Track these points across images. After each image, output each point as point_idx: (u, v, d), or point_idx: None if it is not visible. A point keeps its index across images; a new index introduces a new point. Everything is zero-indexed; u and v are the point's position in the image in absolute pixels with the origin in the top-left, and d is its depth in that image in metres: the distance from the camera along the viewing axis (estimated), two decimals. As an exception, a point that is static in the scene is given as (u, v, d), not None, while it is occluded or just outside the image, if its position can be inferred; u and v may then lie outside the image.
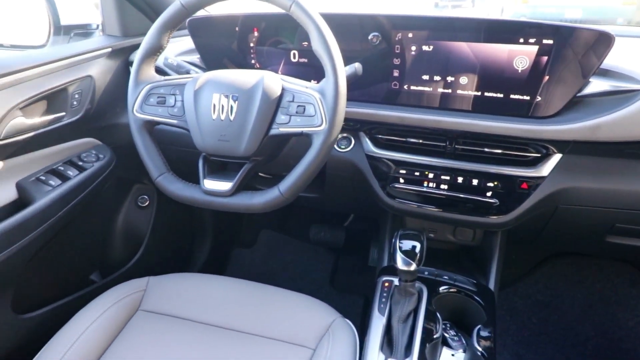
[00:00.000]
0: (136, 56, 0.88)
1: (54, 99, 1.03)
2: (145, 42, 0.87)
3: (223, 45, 1.12)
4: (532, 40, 0.87)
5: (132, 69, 0.88)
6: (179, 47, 1.21)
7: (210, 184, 0.85)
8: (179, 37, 1.23)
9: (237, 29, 1.09)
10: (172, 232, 1.61)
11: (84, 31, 1.26)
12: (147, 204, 1.45)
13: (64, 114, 1.06)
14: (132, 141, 0.91)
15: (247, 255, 1.92)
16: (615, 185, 0.95)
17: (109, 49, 1.15)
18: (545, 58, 0.88)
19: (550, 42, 0.86)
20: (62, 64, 1.03)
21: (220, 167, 0.91)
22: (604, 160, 0.95)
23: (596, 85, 0.89)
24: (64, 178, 1.04)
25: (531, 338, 1.55)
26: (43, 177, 1.01)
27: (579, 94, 0.90)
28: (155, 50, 0.88)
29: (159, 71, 1.02)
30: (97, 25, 1.27)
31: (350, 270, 1.87)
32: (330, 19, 0.81)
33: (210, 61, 1.16)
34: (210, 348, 0.89)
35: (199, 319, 0.95)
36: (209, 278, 1.06)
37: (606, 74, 0.91)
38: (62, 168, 1.05)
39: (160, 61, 1.10)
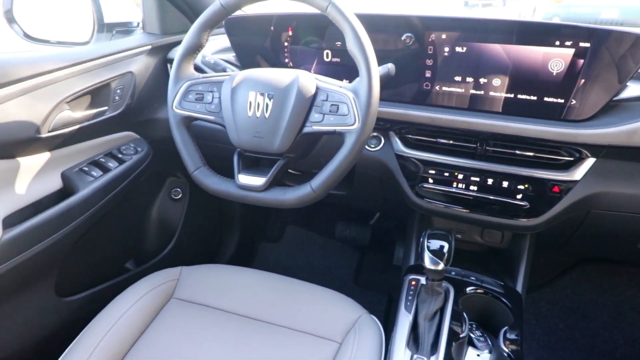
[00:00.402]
0: (177, 54, 0.92)
1: (97, 94, 1.08)
2: (186, 40, 0.90)
3: (258, 44, 1.15)
4: (568, 43, 0.87)
5: (173, 67, 0.92)
6: (215, 46, 1.25)
7: (244, 178, 0.88)
8: (215, 35, 1.27)
9: (272, 28, 1.11)
10: (203, 224, 1.65)
11: (125, 29, 1.31)
12: (179, 196, 1.50)
13: (106, 108, 1.10)
14: (168, 136, 0.94)
15: (273, 249, 1.96)
16: None
17: (149, 47, 1.19)
18: (581, 61, 0.87)
19: (587, 45, 0.86)
20: (106, 61, 1.08)
21: (253, 162, 0.94)
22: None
23: (633, 89, 0.88)
24: (105, 169, 1.09)
25: (557, 344, 1.54)
26: (86, 168, 1.06)
27: (615, 98, 0.88)
28: (195, 48, 0.91)
29: (197, 69, 1.06)
30: (138, 23, 1.32)
31: (375, 269, 1.89)
32: (364, 19, 0.82)
33: (245, 59, 1.19)
34: (240, 337, 0.92)
35: (230, 309, 0.98)
36: (239, 270, 1.09)
37: None
38: (103, 160, 1.10)
39: (198, 59, 1.14)
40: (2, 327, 0.95)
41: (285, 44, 1.12)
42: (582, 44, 0.86)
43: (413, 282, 1.01)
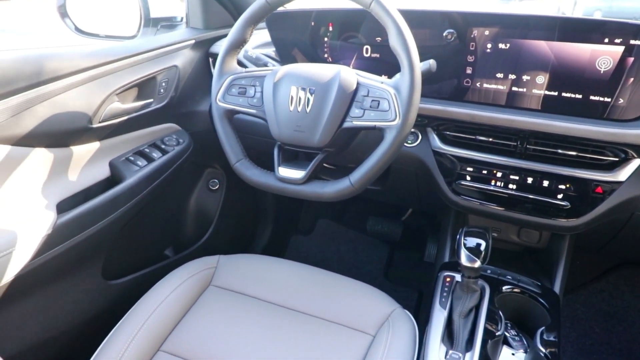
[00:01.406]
0: (221, 49, 0.94)
1: (144, 87, 1.12)
2: (231, 35, 0.92)
3: (297, 39, 1.16)
4: (617, 41, 0.84)
5: (218, 61, 0.94)
6: (256, 40, 1.27)
7: (284, 171, 0.90)
8: (255, 30, 1.29)
9: (312, 23, 1.13)
10: (238, 215, 1.69)
11: (169, 23, 1.35)
12: (217, 187, 1.54)
13: (152, 100, 1.15)
14: (207, 128, 0.97)
15: (305, 242, 1.98)
16: None
17: (193, 41, 1.22)
18: (631, 59, 0.85)
19: (638, 42, 0.83)
20: (153, 54, 1.12)
21: (292, 156, 0.95)
22: None
23: None
24: (149, 159, 1.13)
25: (593, 347, 1.50)
26: (132, 158, 1.11)
27: None
28: (239, 43, 0.93)
29: (239, 63, 1.08)
30: (182, 18, 1.36)
31: (405, 264, 1.89)
32: (406, 15, 0.82)
33: (285, 54, 1.20)
34: (275, 326, 0.95)
35: (265, 297, 1.01)
36: (274, 260, 1.11)
37: None
38: (147, 150, 1.15)
39: (240, 54, 1.16)
40: (54, 306, 1.01)
41: (325, 39, 1.13)
42: (632, 42, 0.83)
43: (448, 279, 1.01)
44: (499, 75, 0.97)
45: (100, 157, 1.06)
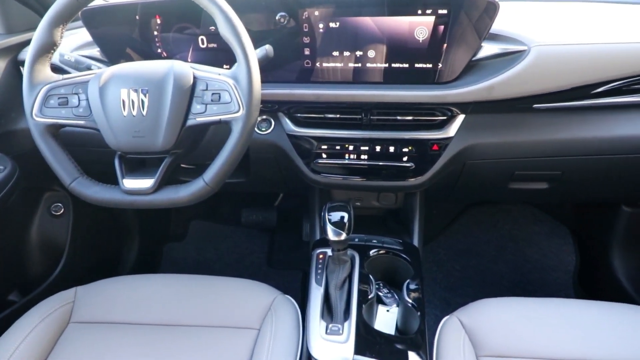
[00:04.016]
0: (27, 56, 0.82)
1: None
2: (36, 39, 0.81)
3: (124, 36, 1.06)
4: (428, 11, 0.93)
5: (25, 70, 0.82)
6: (75, 41, 1.12)
7: (130, 183, 0.82)
8: (74, 29, 1.14)
9: (137, 17, 1.03)
10: (95, 237, 1.53)
11: (-43, 30, 1.12)
12: (61, 211, 1.36)
13: (-52, 126, 0.95)
14: (35, 147, 0.85)
15: (180, 249, 1.89)
16: (511, 138, 1.06)
17: None
18: (442, 27, 0.94)
19: (445, 11, 0.92)
20: (-63, 70, 0.92)
21: (138, 164, 0.88)
22: (501, 116, 1.05)
23: (488, 49, 0.98)
24: (-39, 196, 0.95)
25: (456, 283, 1.71)
26: None
27: (474, 58, 0.97)
28: (48, 47, 0.82)
29: (57, 69, 0.95)
30: (-26, 23, 1.14)
31: (286, 248, 1.92)
32: (234, 1, 0.80)
33: (112, 53, 1.09)
34: (155, 347, 0.88)
35: (138, 320, 0.93)
36: (141, 278, 1.03)
37: (495, 38, 0.99)
38: (-44, 186, 0.96)
39: (55, 58, 1.02)
40: None
41: (155, 32, 1.05)
42: (441, 11, 0.92)
43: (321, 256, 1.04)
44: (335, 53, 1.01)
45: None
